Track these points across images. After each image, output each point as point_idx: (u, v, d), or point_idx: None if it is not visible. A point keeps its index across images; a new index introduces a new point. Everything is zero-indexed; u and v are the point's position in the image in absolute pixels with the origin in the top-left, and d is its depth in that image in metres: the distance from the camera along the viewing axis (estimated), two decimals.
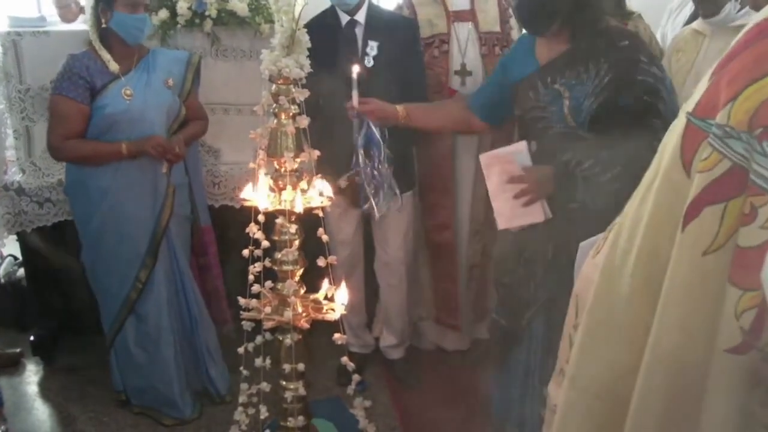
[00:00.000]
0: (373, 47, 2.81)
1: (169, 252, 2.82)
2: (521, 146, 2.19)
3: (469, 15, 3.01)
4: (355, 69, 2.37)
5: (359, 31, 2.84)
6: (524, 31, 2.41)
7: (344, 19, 2.84)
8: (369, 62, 2.81)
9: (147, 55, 2.72)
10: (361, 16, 2.84)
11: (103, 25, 2.59)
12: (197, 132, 2.89)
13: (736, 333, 0.84)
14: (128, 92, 2.64)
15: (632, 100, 1.97)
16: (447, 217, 3.13)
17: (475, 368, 3.23)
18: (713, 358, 0.87)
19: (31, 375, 3.26)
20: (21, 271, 3.63)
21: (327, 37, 2.75)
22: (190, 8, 2.99)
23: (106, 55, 2.62)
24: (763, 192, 0.80)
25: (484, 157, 2.29)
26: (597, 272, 1.08)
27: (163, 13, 3.00)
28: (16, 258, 3.76)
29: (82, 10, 3.76)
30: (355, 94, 2.44)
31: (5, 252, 3.79)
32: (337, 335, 2.04)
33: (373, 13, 2.88)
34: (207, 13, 3.00)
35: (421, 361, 3.33)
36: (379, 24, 2.86)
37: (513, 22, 3.07)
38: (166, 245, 2.80)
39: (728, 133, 0.82)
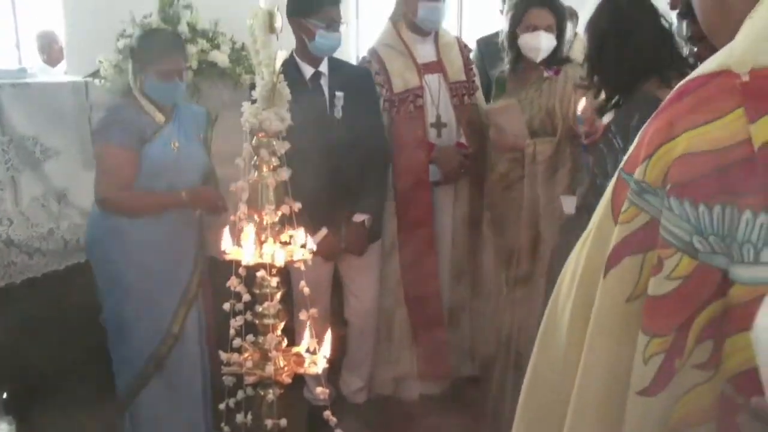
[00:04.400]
0: (339, 98, 2.85)
1: (196, 302, 2.81)
2: None
3: (437, 66, 3.08)
4: (582, 102, 2.49)
5: (324, 83, 2.88)
6: None
7: (308, 71, 2.86)
8: (338, 113, 2.84)
9: (176, 107, 2.73)
10: (324, 68, 2.88)
11: (138, 86, 2.62)
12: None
13: (644, 376, 0.89)
14: (176, 144, 2.65)
15: None
16: (431, 270, 3.15)
17: (460, 408, 3.25)
18: (628, 400, 0.91)
19: None
20: None
21: (292, 90, 2.79)
22: None
23: (150, 107, 2.63)
24: (668, 245, 0.85)
25: None
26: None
27: None
28: None
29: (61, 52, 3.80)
30: (581, 128, 2.54)
31: None
32: (319, 389, 2.03)
33: (334, 64, 2.93)
34: (188, 64, 3.02)
35: (400, 409, 3.34)
36: (341, 74, 2.92)
37: (475, 69, 3.15)
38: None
39: (644, 189, 0.88)
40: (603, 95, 2.30)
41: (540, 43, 2.86)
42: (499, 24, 4.07)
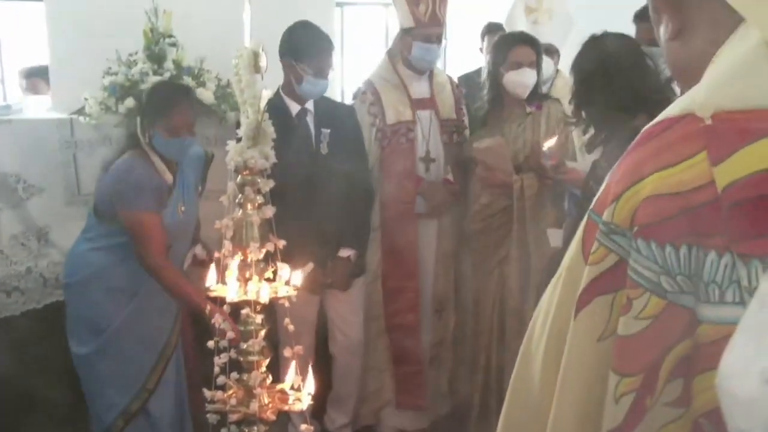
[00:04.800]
0: (325, 135, 2.90)
1: (176, 350, 2.77)
2: None
3: (430, 103, 3.14)
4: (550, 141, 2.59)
5: (310, 120, 2.92)
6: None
7: (294, 108, 2.92)
8: (324, 150, 2.89)
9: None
10: (310, 105, 2.94)
11: (147, 140, 2.58)
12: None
13: (616, 415, 0.89)
14: (182, 208, 2.64)
15: None
16: (412, 300, 3.18)
17: None
18: None
19: None
20: None
21: (278, 126, 2.83)
22: None
23: (161, 165, 2.60)
24: (637, 285, 0.87)
25: None
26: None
27: (129, 102, 3.04)
28: None
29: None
30: (548, 162, 2.61)
31: None
32: (304, 426, 2.02)
33: (320, 101, 2.99)
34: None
35: None
36: (327, 112, 2.98)
37: (465, 109, 3.22)
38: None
39: (612, 230, 0.89)
40: (591, 131, 2.36)
41: (527, 80, 2.97)
42: (480, 62, 4.17)
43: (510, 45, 3.00)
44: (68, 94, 3.22)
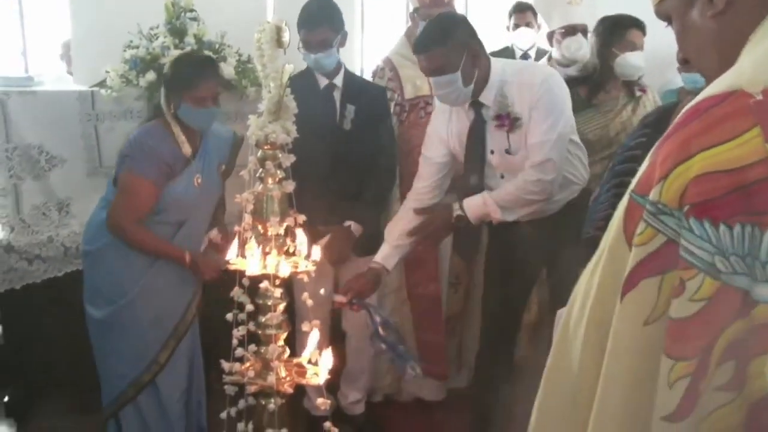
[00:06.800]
0: (350, 111, 2.90)
1: (192, 326, 2.78)
2: None
3: None
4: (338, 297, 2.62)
5: (337, 95, 2.93)
6: None
7: (322, 81, 2.93)
8: (347, 125, 2.89)
9: (203, 135, 2.70)
10: (339, 80, 2.94)
11: (171, 111, 2.58)
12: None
13: (670, 401, 0.87)
14: (199, 180, 2.63)
15: None
16: (433, 271, 3.23)
17: (451, 417, 3.33)
18: (652, 425, 0.90)
19: None
20: None
21: (304, 98, 2.82)
22: None
23: (181, 137, 2.59)
24: (690, 266, 0.85)
25: None
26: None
27: (150, 75, 3.04)
28: None
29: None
30: (338, 297, 2.62)
31: None
32: (320, 400, 2.03)
33: (349, 78, 3.01)
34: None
35: (398, 413, 3.42)
36: (355, 89, 2.97)
37: None
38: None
39: (661, 210, 0.87)
40: None
41: (642, 62, 2.99)
42: (503, 41, 4.12)
43: (626, 26, 2.99)
44: (90, 66, 3.23)
